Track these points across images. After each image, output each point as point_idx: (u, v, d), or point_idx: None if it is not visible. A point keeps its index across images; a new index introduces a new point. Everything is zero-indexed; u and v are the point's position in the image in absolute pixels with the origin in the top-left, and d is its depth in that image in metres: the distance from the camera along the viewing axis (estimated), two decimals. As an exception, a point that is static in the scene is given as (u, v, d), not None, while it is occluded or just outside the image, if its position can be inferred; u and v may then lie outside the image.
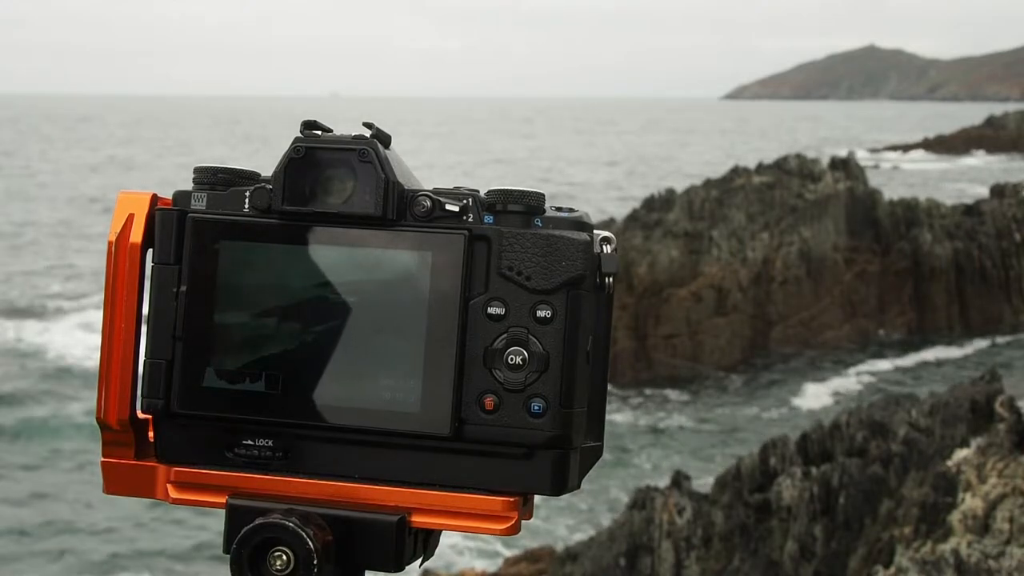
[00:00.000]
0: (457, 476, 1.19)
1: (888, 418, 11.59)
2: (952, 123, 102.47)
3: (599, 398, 1.24)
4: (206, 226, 1.22)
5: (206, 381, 1.21)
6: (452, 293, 1.18)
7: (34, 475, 17.64)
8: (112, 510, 15.26)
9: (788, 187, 28.03)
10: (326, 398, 1.19)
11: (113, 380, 1.22)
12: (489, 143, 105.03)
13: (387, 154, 1.21)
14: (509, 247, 1.18)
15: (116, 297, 1.23)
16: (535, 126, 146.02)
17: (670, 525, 10.90)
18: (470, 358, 1.18)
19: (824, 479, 10.63)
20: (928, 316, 28.05)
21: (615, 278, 1.21)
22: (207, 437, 1.22)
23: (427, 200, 1.20)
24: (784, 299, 26.52)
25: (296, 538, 1.13)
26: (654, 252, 25.29)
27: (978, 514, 9.06)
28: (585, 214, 1.22)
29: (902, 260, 28.07)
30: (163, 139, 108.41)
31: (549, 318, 1.17)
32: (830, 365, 25.56)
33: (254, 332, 1.21)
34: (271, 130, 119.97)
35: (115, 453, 1.25)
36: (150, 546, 14.67)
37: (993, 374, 12.25)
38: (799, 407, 22.57)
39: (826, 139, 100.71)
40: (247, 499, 1.20)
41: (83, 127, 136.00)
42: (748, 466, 11.47)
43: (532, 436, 1.17)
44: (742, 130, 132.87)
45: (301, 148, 1.21)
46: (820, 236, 27.43)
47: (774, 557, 10.47)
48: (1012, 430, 10.52)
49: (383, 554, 1.18)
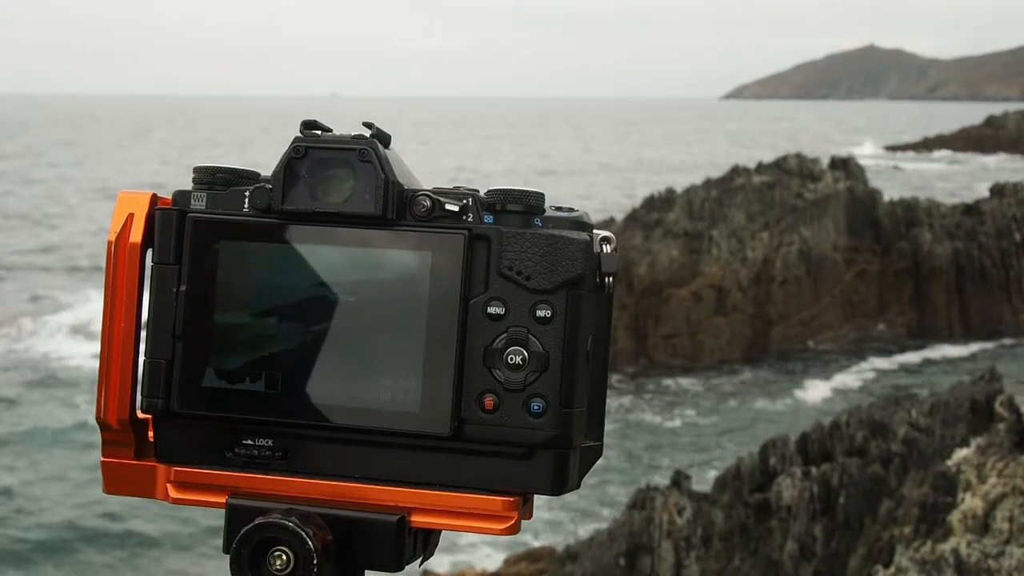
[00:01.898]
0: (457, 476, 1.19)
1: (888, 418, 11.59)
2: (952, 123, 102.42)
3: (599, 398, 1.24)
4: (206, 226, 1.22)
5: (206, 381, 1.21)
6: (452, 293, 1.18)
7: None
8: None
9: (788, 187, 28.03)
10: (326, 398, 1.19)
11: (113, 380, 1.22)
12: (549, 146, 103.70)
13: (387, 154, 1.21)
14: (509, 247, 1.18)
15: (116, 297, 1.23)
16: (584, 130, 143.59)
17: (670, 525, 10.90)
18: (470, 358, 1.18)
19: (824, 479, 10.62)
20: (928, 316, 28.05)
21: (615, 278, 1.21)
22: (207, 437, 1.22)
23: (427, 200, 1.20)
24: (784, 299, 26.52)
25: (296, 538, 1.13)
26: (654, 252, 25.29)
27: (978, 514, 9.06)
28: (585, 214, 1.22)
29: (902, 260, 28.07)
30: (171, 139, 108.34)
31: (549, 318, 1.17)
32: (830, 365, 25.56)
33: (254, 332, 1.21)
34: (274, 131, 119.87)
35: (115, 453, 1.25)
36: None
37: (993, 374, 12.25)
38: (799, 407, 22.56)
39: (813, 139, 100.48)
40: (247, 499, 1.20)
41: (89, 127, 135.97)
42: (748, 466, 11.47)
43: (532, 436, 1.17)
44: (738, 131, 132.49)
45: (301, 148, 1.20)
46: (820, 236, 27.43)
47: (774, 557, 10.47)
48: (1012, 430, 10.53)
49: (383, 554, 1.18)
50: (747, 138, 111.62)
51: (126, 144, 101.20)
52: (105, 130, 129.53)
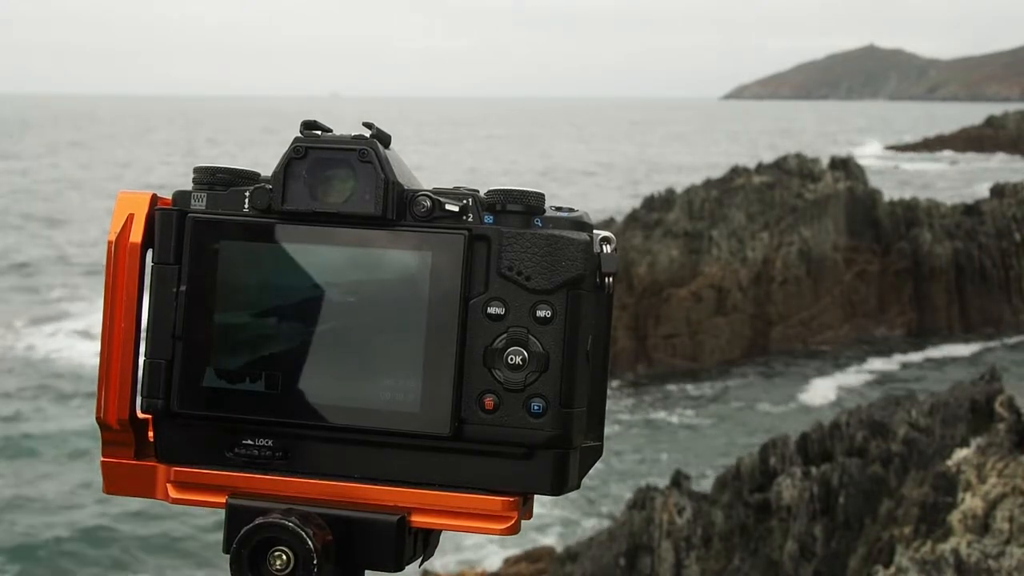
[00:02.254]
0: (457, 476, 1.19)
1: (888, 418, 11.59)
2: (952, 123, 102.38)
3: (599, 398, 1.24)
4: (206, 226, 1.22)
5: (206, 381, 1.21)
6: (452, 293, 1.18)
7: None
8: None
9: (788, 187, 28.02)
10: (326, 398, 1.19)
11: (113, 380, 1.22)
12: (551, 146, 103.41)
13: (387, 154, 1.21)
14: (509, 247, 1.18)
15: (116, 297, 1.23)
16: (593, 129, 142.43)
17: (670, 525, 10.90)
18: (470, 358, 1.18)
19: (824, 479, 10.62)
20: (928, 316, 28.04)
21: (615, 278, 1.21)
22: (207, 437, 1.22)
23: (427, 200, 1.20)
24: (784, 299, 26.52)
25: (296, 538, 1.13)
26: (654, 252, 25.28)
27: (978, 514, 9.06)
28: (585, 214, 1.22)
29: (902, 260, 28.06)
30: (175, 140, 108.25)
31: (549, 318, 1.17)
32: (830, 365, 25.56)
33: (254, 332, 1.21)
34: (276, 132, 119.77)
35: (115, 453, 1.25)
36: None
37: (993, 374, 12.23)
38: (799, 407, 22.56)
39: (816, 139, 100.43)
40: (247, 499, 1.20)
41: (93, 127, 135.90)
42: (748, 466, 11.47)
43: (532, 436, 1.17)
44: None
45: (301, 148, 1.20)
46: (820, 236, 27.43)
47: (774, 557, 10.47)
48: (1012, 430, 10.52)
49: (383, 554, 1.18)
50: (747, 138, 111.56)
51: (126, 144, 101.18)
52: (106, 130, 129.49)
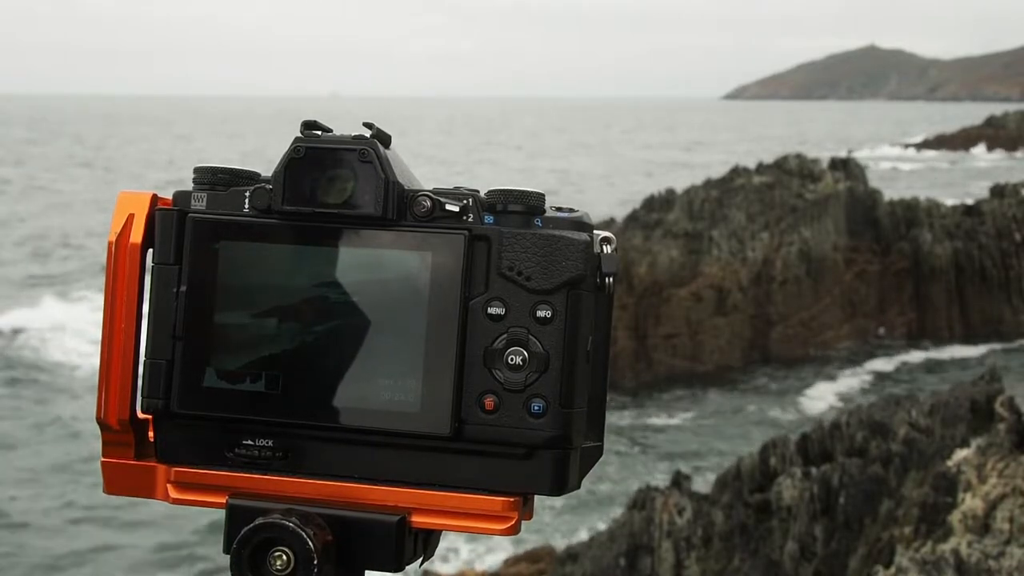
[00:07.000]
0: (457, 476, 1.19)
1: (888, 418, 11.59)
2: (952, 123, 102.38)
3: (599, 398, 1.24)
4: (206, 226, 1.22)
5: (206, 381, 1.21)
6: (452, 293, 1.18)
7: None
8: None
9: (788, 187, 28.02)
10: (326, 398, 1.19)
11: (113, 380, 1.22)
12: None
13: (387, 154, 1.21)
14: (509, 247, 1.18)
15: (116, 297, 1.23)
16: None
17: (670, 525, 10.90)
18: (470, 358, 1.18)
19: (824, 479, 10.62)
20: (928, 316, 28.05)
21: (615, 278, 1.20)
22: (207, 437, 1.22)
23: (427, 200, 1.20)
24: (784, 299, 26.51)
25: (296, 538, 1.13)
26: (654, 252, 25.28)
27: (978, 514, 9.06)
28: (585, 214, 1.22)
29: (902, 260, 28.06)
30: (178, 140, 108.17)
31: (549, 318, 1.17)
32: (830, 365, 25.56)
33: (254, 332, 1.20)
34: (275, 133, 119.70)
35: (115, 453, 1.25)
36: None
37: (993, 374, 12.23)
38: (799, 407, 22.57)
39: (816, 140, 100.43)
40: (247, 499, 1.20)
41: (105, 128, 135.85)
42: (748, 466, 11.47)
43: (532, 436, 1.17)
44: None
45: (301, 148, 1.20)
46: (820, 236, 27.43)
47: (774, 557, 10.47)
48: (1012, 430, 10.52)
49: (383, 554, 1.18)
50: (747, 138, 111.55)
51: (126, 145, 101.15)
52: (108, 130, 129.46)
